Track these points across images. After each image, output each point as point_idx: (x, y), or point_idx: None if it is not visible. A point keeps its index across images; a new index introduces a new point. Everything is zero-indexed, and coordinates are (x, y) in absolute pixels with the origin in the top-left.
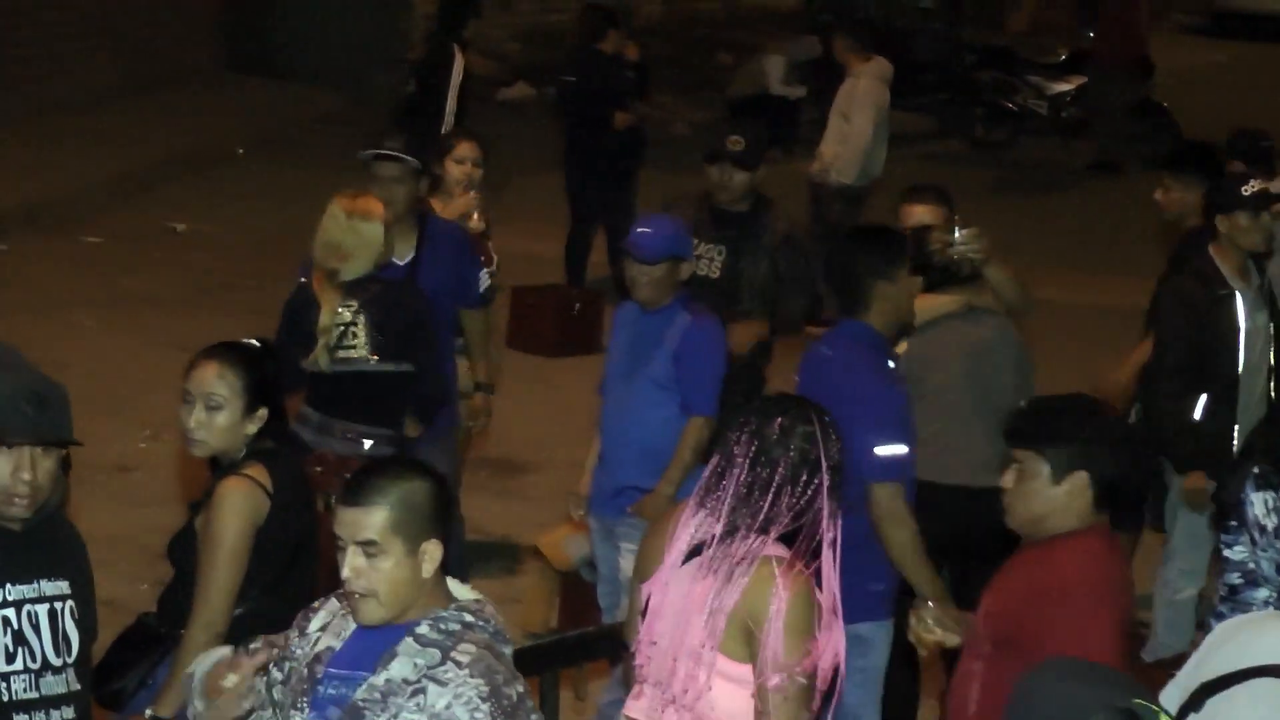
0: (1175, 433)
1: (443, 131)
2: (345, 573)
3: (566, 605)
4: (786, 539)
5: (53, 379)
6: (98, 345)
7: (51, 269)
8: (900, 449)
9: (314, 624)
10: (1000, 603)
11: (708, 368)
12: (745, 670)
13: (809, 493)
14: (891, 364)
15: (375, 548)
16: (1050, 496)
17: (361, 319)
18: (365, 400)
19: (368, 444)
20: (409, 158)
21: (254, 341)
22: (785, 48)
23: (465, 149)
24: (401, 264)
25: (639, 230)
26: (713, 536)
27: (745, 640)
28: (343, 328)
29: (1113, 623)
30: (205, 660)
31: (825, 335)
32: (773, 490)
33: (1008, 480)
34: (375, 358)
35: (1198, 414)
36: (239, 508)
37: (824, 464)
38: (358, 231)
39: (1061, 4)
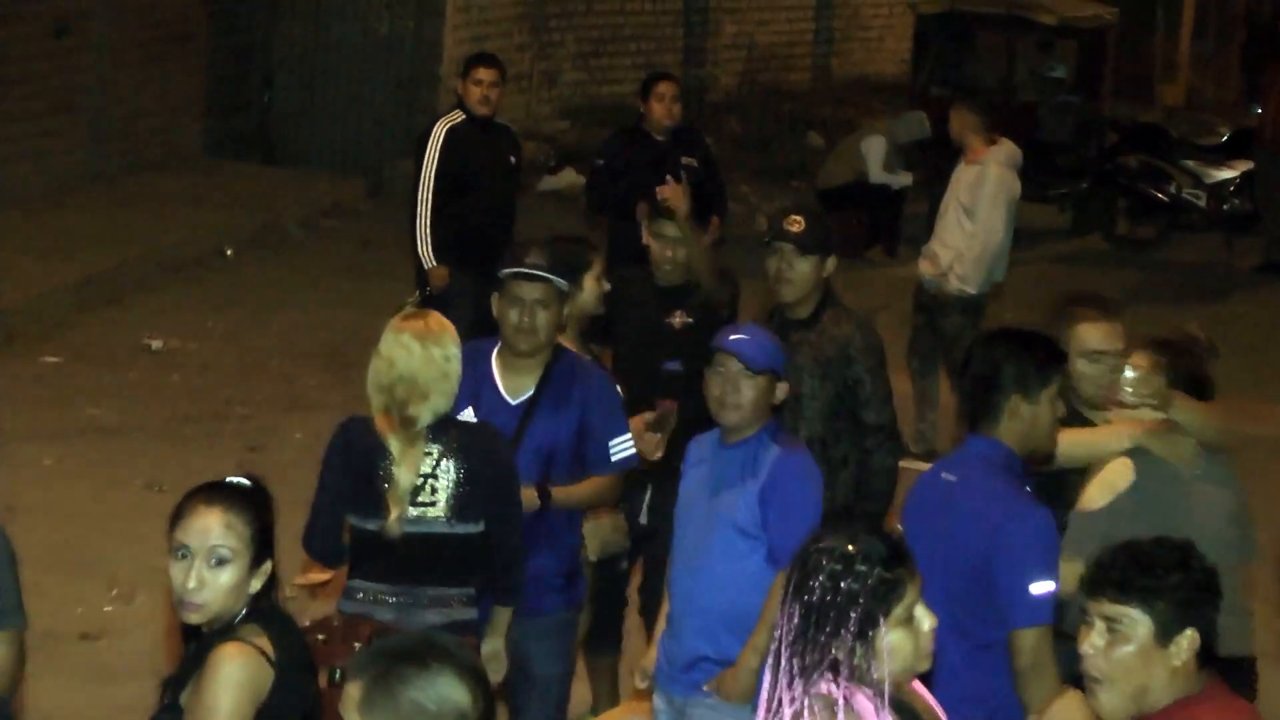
0: None
1: None
2: None
3: None
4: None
5: None
6: (56, 486)
7: (3, 394)
8: (1052, 585)
9: None
10: None
11: (801, 510)
12: None
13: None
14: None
15: None
16: (1157, 661)
17: (442, 470)
18: (440, 567)
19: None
20: (557, 278)
21: (245, 481)
22: (887, 127)
23: (600, 266)
24: (514, 403)
25: (734, 337)
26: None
27: None
28: (421, 480)
29: None
30: None
31: (941, 459)
32: (813, 625)
33: (1091, 644)
34: (453, 519)
35: None
36: (240, 680)
37: (856, 594)
38: (436, 363)
39: (1224, 75)
